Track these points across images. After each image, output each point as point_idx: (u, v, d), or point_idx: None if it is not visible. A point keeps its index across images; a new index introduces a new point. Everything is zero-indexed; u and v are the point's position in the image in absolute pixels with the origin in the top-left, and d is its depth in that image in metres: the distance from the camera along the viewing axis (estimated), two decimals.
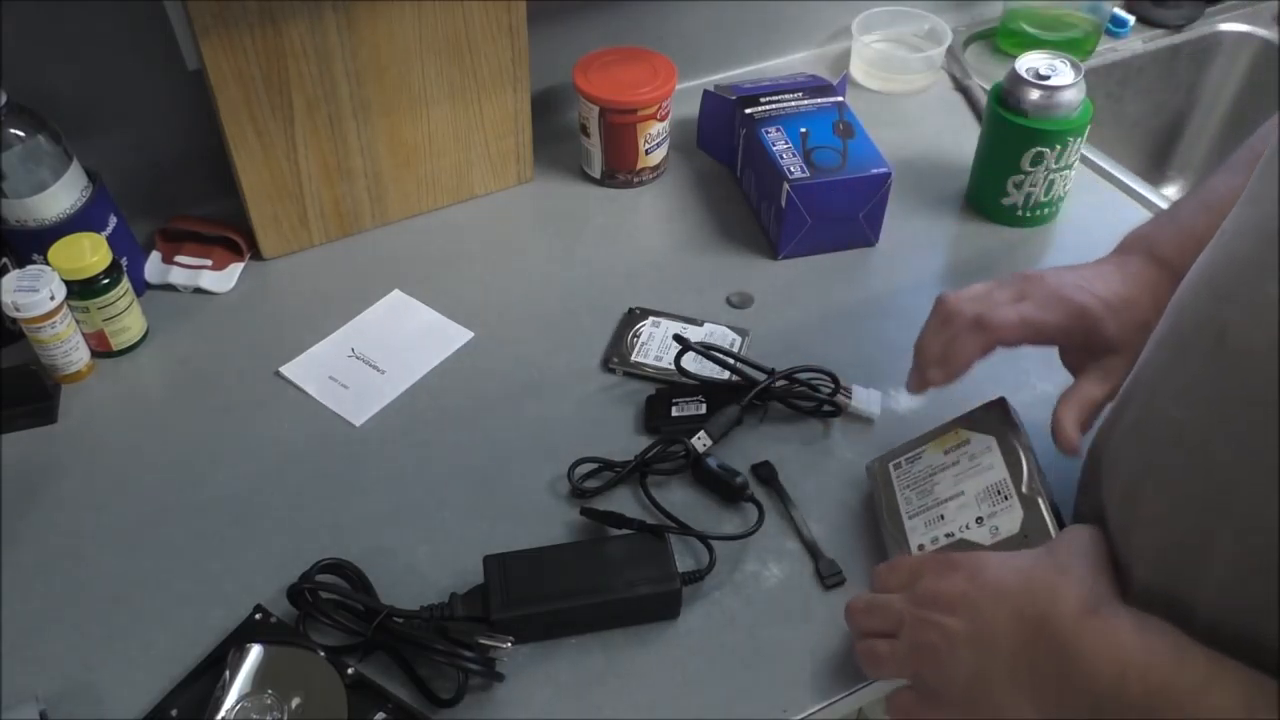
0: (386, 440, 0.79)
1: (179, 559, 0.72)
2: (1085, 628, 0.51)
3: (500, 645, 0.63)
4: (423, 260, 0.95)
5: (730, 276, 0.93)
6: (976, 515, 0.66)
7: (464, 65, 0.92)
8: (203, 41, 0.80)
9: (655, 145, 1.01)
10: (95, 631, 0.68)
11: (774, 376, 0.79)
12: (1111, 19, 1.23)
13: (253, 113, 0.85)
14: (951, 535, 0.66)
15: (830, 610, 0.69)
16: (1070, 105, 0.91)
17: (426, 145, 0.95)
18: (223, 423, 0.81)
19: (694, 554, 0.72)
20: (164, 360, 0.86)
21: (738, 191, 1.03)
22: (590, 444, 0.78)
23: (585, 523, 0.73)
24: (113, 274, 0.82)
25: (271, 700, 0.61)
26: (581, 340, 0.87)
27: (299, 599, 0.66)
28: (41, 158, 0.81)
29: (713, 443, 0.76)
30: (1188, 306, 0.52)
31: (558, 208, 1.02)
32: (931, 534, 0.68)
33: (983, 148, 0.99)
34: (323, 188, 0.93)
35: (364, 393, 0.83)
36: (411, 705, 0.63)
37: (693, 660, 0.67)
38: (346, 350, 0.86)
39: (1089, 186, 1.04)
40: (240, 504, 0.75)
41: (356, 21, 0.85)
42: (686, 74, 1.09)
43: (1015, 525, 0.64)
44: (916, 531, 0.69)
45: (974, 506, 0.66)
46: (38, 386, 0.80)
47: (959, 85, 1.17)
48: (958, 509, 0.67)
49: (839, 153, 0.93)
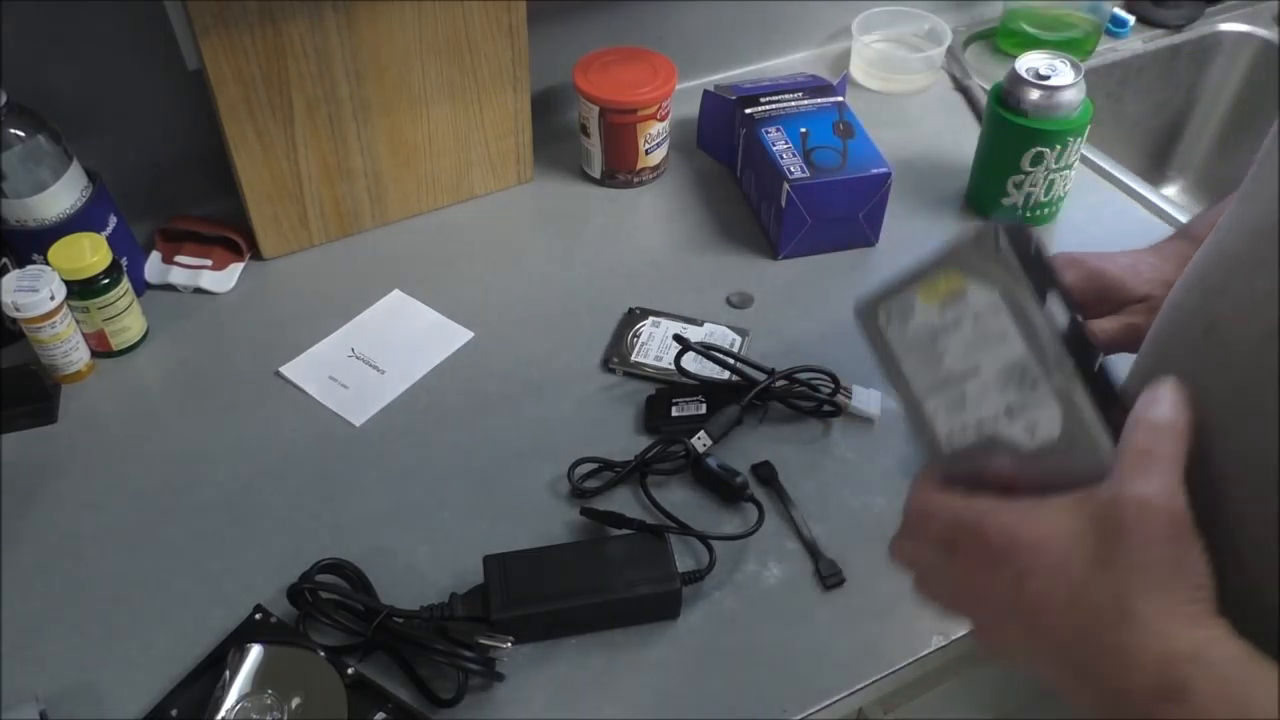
0: (386, 440, 0.79)
1: (179, 559, 0.72)
2: (1161, 711, 0.40)
3: (500, 645, 0.63)
4: (423, 260, 0.95)
5: (730, 276, 0.93)
6: (1005, 404, 0.49)
7: (464, 65, 0.92)
8: (203, 41, 0.80)
9: (655, 145, 1.01)
10: (95, 631, 0.68)
11: (774, 376, 0.79)
12: (1111, 19, 1.23)
13: (253, 113, 0.85)
14: (983, 430, 0.49)
15: (830, 610, 0.69)
16: (1070, 105, 0.91)
17: (426, 145, 0.95)
18: (223, 423, 0.81)
19: (694, 554, 0.72)
20: (164, 360, 0.86)
21: (738, 191, 1.03)
22: (590, 444, 0.78)
23: (585, 523, 0.73)
24: (113, 274, 0.82)
25: (271, 700, 0.61)
26: (581, 340, 0.87)
27: (299, 599, 0.66)
28: (41, 158, 0.81)
29: (713, 443, 0.76)
30: (1179, 304, 0.52)
31: (558, 208, 1.02)
32: (959, 422, 0.50)
33: (983, 148, 0.99)
34: (323, 188, 0.93)
35: (364, 393, 0.83)
36: (411, 705, 0.63)
37: (693, 660, 0.67)
38: (346, 350, 0.86)
39: (1089, 186, 1.04)
40: (240, 504, 0.75)
41: (356, 21, 0.85)
42: (686, 74, 1.09)
43: (1055, 428, 0.47)
44: (939, 418, 0.51)
45: (997, 392, 0.48)
46: (38, 386, 0.80)
47: (959, 85, 1.17)
48: (979, 392, 0.49)
49: (839, 153, 0.93)
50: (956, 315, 0.50)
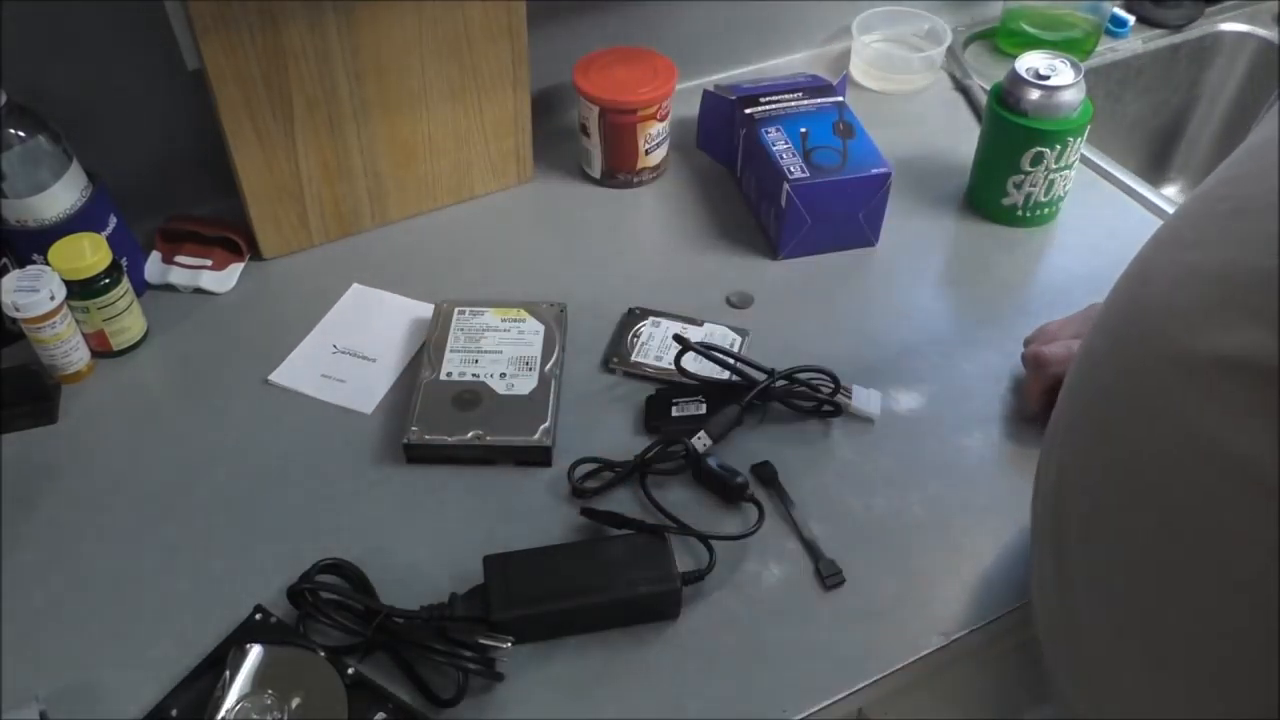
0: (388, 433, 0.79)
1: (179, 559, 0.72)
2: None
3: (500, 645, 0.63)
4: (423, 260, 0.95)
5: (730, 276, 0.93)
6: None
7: (464, 65, 0.92)
8: (203, 41, 0.80)
9: (655, 145, 1.01)
10: (95, 631, 0.68)
11: (774, 376, 0.79)
12: (1111, 19, 1.23)
13: (253, 113, 0.85)
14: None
15: (830, 610, 0.69)
16: (1070, 105, 0.91)
17: (426, 145, 0.95)
18: (223, 422, 0.81)
19: (694, 554, 0.72)
20: (164, 360, 0.86)
21: (738, 191, 1.03)
22: (590, 444, 0.78)
23: (585, 523, 0.73)
24: (113, 274, 0.82)
25: (271, 700, 0.61)
26: (581, 340, 0.87)
27: (299, 599, 0.66)
28: (41, 158, 0.81)
29: (713, 443, 0.76)
30: (1137, 256, 0.54)
31: (558, 208, 1.02)
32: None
33: (982, 148, 0.99)
34: (323, 188, 0.93)
35: (363, 382, 0.83)
36: (411, 705, 0.63)
37: (693, 660, 0.67)
38: (328, 348, 0.86)
39: (1089, 186, 1.04)
40: (240, 504, 0.75)
41: (356, 21, 0.85)
42: (686, 74, 1.09)
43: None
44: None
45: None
46: (38, 386, 0.80)
47: (959, 85, 1.17)
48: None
49: (839, 153, 0.93)
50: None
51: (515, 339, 0.83)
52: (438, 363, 0.81)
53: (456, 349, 0.82)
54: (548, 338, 0.83)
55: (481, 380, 0.80)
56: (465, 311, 0.85)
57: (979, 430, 0.81)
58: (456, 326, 0.84)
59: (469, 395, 0.79)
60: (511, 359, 0.81)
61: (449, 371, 0.81)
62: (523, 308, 0.86)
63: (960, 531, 0.74)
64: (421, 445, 0.76)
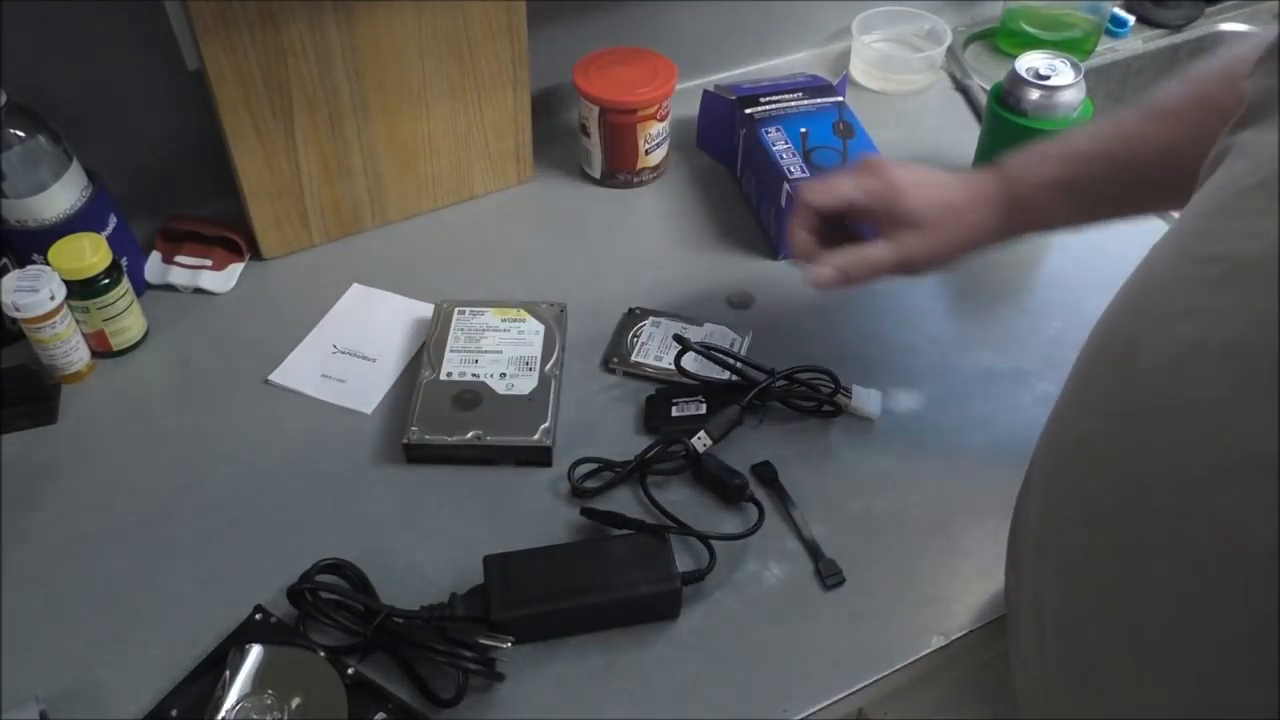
0: (388, 433, 0.79)
1: (179, 559, 0.72)
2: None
3: (500, 645, 0.63)
4: (423, 260, 0.95)
5: (730, 276, 0.93)
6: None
7: (464, 65, 0.92)
8: (203, 41, 0.80)
9: (655, 145, 1.01)
10: (95, 631, 0.68)
11: (774, 376, 0.79)
12: (1111, 19, 1.23)
13: (252, 112, 0.85)
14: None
15: (830, 610, 0.69)
16: (1070, 105, 0.91)
17: (426, 145, 0.95)
18: (223, 422, 0.81)
19: (694, 554, 0.72)
20: (164, 360, 0.86)
21: (738, 191, 1.03)
22: (590, 444, 0.78)
23: (585, 523, 0.73)
24: (113, 274, 0.82)
25: (271, 700, 0.61)
26: (581, 340, 0.87)
27: (299, 599, 0.66)
28: (41, 158, 0.81)
29: (713, 443, 0.76)
30: (1106, 324, 0.52)
31: (558, 208, 1.02)
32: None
33: (983, 148, 0.99)
34: (323, 187, 0.93)
35: (363, 382, 0.83)
36: (411, 705, 0.63)
37: (693, 660, 0.67)
38: (329, 348, 0.86)
39: None
40: (240, 504, 0.75)
41: (356, 21, 0.85)
42: (686, 74, 1.09)
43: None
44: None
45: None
46: (38, 386, 0.80)
47: (959, 85, 1.17)
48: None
49: (839, 152, 0.93)
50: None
51: (515, 339, 0.83)
52: (438, 363, 0.81)
53: (456, 349, 0.82)
54: (548, 338, 0.83)
55: (481, 380, 0.80)
56: (465, 311, 0.85)
57: (979, 430, 0.81)
58: (456, 326, 0.84)
59: (469, 395, 0.79)
60: (511, 359, 0.81)
61: (449, 371, 0.81)
62: (523, 308, 0.86)
63: (960, 531, 0.74)
64: (422, 445, 0.76)
